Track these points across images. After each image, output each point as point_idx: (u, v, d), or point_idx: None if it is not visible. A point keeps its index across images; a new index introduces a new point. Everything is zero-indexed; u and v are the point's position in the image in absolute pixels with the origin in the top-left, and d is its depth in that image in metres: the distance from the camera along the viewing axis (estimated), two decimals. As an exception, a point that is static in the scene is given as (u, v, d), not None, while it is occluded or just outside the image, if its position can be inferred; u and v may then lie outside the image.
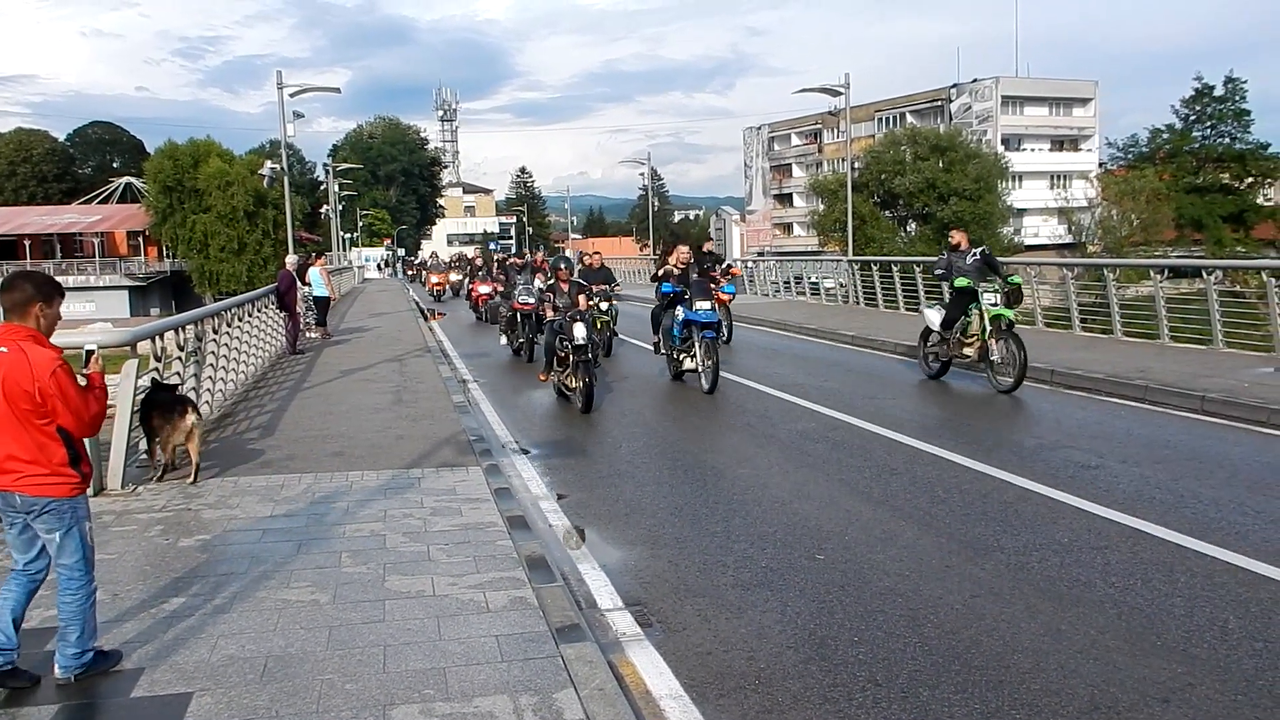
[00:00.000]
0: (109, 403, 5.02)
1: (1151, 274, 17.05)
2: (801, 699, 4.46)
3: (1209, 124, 69.74)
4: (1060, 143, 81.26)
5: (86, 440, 4.66)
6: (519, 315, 17.46)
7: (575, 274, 14.87)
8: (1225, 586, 5.62)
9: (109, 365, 5.73)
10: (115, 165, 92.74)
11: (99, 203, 77.43)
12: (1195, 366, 13.00)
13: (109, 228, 71.50)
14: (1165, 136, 70.53)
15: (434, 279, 39.54)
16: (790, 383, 13.56)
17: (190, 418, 8.42)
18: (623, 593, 5.88)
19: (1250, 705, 4.26)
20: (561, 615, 5.18)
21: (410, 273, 69.65)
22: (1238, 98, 68.77)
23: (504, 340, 18.36)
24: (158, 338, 9.60)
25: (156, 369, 9.25)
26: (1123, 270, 19.76)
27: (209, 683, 4.45)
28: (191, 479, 8.29)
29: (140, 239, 70.62)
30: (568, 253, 48.26)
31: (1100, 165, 77.85)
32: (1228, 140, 69.19)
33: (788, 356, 17.06)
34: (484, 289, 25.92)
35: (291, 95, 30.80)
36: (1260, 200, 71.02)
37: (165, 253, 68.31)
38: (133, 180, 76.47)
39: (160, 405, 8.46)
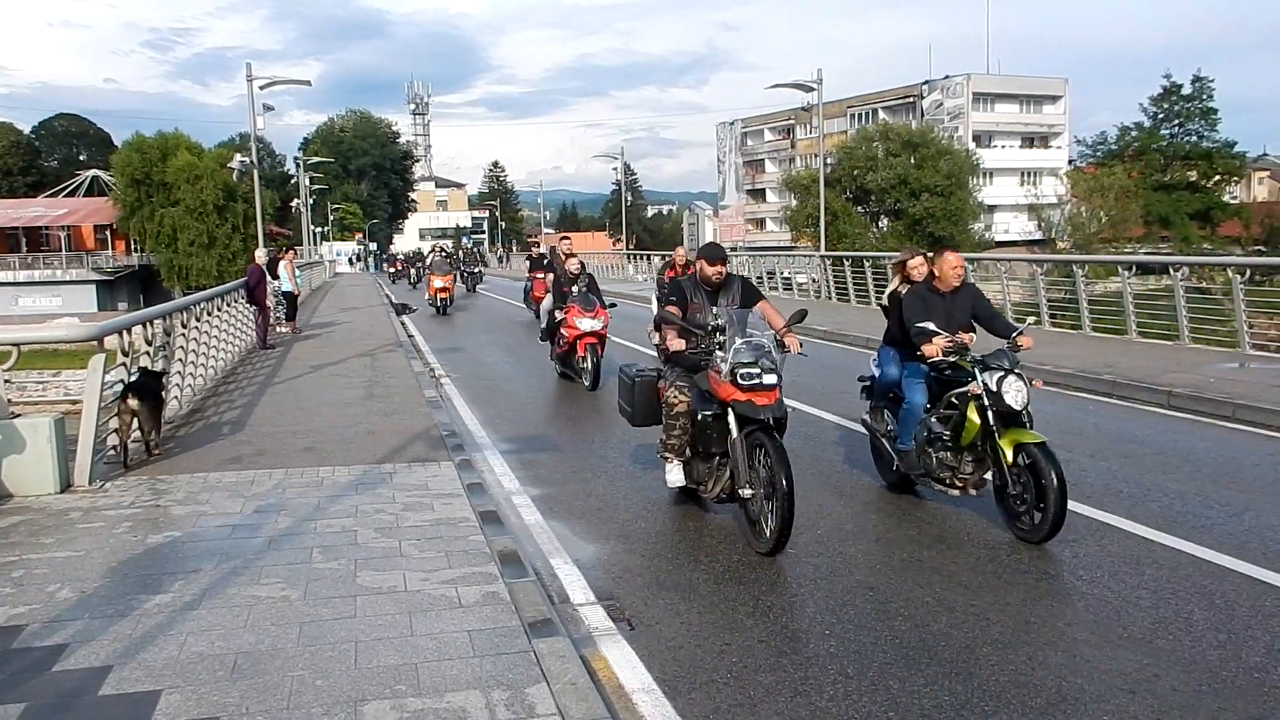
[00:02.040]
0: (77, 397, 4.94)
1: (1120, 270, 17.23)
2: (773, 692, 4.48)
3: (1177, 122, 70.36)
4: (1031, 140, 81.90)
5: (55, 435, 4.58)
6: (731, 414, 6.70)
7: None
8: (1190, 579, 5.70)
9: (76, 360, 5.64)
10: (82, 158, 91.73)
11: (65, 196, 76.51)
12: (1162, 361, 13.15)
13: (76, 221, 70.72)
14: (1134, 134, 71.13)
15: (437, 282, 27.93)
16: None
17: (131, 401, 8.59)
18: (595, 587, 5.88)
19: (1214, 695, 4.32)
20: (534, 610, 5.17)
21: (393, 270, 58.18)
22: (1205, 96, 69.43)
23: (675, 473, 7.23)
24: (125, 333, 9.51)
25: (124, 363, 9.18)
26: (1091, 266, 19.96)
27: (178, 680, 4.41)
28: (126, 465, 8.59)
29: (108, 233, 69.92)
30: (543, 247, 44.47)
31: (1070, 162, 78.50)
32: (1195, 138, 69.83)
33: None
34: (588, 323, 13.41)
35: (261, 88, 30.60)
36: (1226, 198, 71.81)
37: (133, 247, 67.65)
38: (100, 173, 75.62)
39: (123, 391, 8.68)
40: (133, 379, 8.97)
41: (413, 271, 48.53)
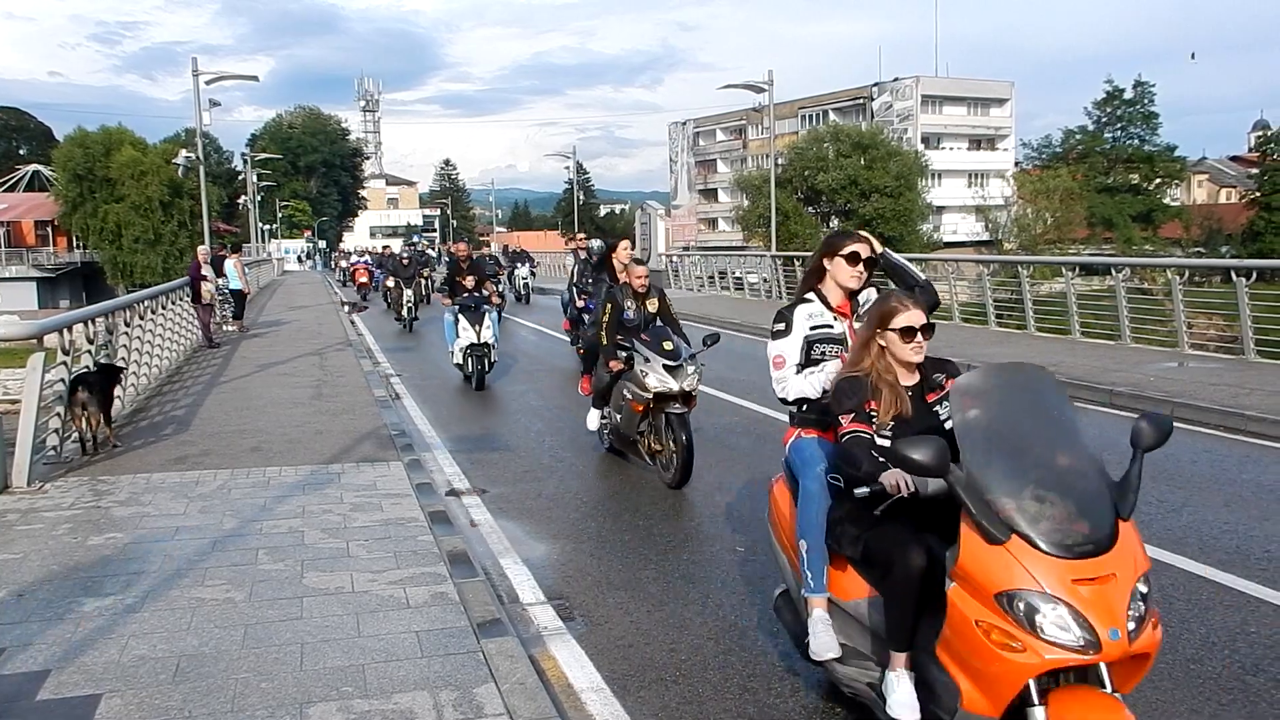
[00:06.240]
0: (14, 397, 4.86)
1: (1064, 271, 17.55)
2: (721, 689, 4.51)
3: (1119, 126, 71.86)
4: (978, 142, 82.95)
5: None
6: None
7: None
8: (1129, 574, 5.80)
9: (15, 359, 5.54)
10: (22, 152, 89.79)
11: (5, 191, 74.82)
12: (1105, 361, 13.40)
13: (15, 216, 69.20)
14: (1078, 137, 72.52)
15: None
16: (713, 376, 13.61)
17: (80, 394, 8.65)
18: (545, 587, 5.88)
19: (1151, 688, 4.40)
20: (483, 610, 5.15)
21: (374, 283, 32.62)
22: (1146, 101, 70.97)
23: None
24: (66, 331, 9.33)
25: (64, 362, 9.01)
26: (1036, 267, 20.30)
27: (119, 684, 4.34)
28: (86, 454, 8.81)
29: (49, 229, 68.50)
30: (494, 247, 41.19)
31: (1016, 164, 79.75)
32: (1137, 142, 71.38)
33: (712, 350, 17.09)
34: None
35: (208, 83, 30.16)
36: (1167, 200, 73.42)
37: (75, 243, 66.35)
38: (41, 168, 74.07)
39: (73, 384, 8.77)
40: (86, 370, 9.06)
41: (393, 285, 25.84)
